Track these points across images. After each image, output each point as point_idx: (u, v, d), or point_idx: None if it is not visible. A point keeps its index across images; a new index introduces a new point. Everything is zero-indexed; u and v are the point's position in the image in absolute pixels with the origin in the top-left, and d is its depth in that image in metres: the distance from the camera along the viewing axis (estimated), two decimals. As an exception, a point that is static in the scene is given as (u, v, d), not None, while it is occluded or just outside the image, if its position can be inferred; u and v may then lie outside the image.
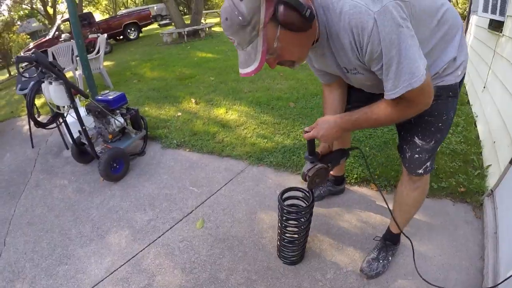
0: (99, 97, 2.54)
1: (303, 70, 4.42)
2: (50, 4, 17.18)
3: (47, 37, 9.33)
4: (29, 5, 17.76)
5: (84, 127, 2.27)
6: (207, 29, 10.02)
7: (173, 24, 11.02)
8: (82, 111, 2.54)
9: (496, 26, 2.30)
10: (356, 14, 0.74)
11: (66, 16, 12.70)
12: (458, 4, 12.73)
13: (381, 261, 1.43)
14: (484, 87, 2.44)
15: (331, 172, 1.87)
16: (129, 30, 11.70)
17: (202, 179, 2.30)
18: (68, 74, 5.22)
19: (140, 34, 12.38)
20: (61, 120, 2.48)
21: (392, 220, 1.39)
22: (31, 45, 9.30)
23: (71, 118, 2.35)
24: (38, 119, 2.46)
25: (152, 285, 1.54)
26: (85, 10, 15.77)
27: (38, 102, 4.52)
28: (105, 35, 5.12)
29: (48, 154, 3.10)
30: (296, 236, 1.43)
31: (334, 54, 0.92)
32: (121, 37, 11.83)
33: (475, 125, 2.47)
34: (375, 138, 2.46)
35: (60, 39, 7.36)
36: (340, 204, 1.88)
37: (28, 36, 20.39)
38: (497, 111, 1.99)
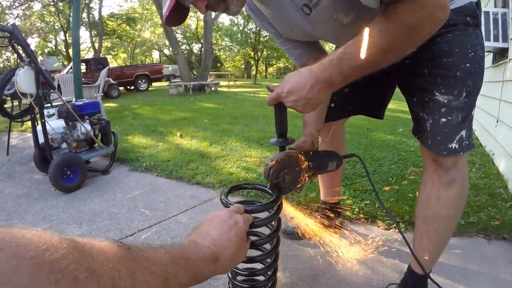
0: (74, 103, 2.44)
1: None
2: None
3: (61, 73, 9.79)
4: (53, 45, 19.30)
5: (43, 120, 2.09)
6: (213, 86, 10.45)
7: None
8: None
9: (501, 55, 2.20)
10: None
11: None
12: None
13: None
14: (497, 122, 2.30)
15: (321, 197, 1.46)
16: (139, 81, 12.14)
17: (159, 203, 1.91)
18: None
19: (150, 88, 12.91)
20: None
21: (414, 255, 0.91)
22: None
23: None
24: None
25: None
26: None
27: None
28: (107, 68, 5.20)
29: (18, 161, 2.90)
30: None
31: None
32: (132, 87, 12.30)
33: (492, 163, 2.31)
34: (381, 174, 2.15)
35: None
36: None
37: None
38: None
